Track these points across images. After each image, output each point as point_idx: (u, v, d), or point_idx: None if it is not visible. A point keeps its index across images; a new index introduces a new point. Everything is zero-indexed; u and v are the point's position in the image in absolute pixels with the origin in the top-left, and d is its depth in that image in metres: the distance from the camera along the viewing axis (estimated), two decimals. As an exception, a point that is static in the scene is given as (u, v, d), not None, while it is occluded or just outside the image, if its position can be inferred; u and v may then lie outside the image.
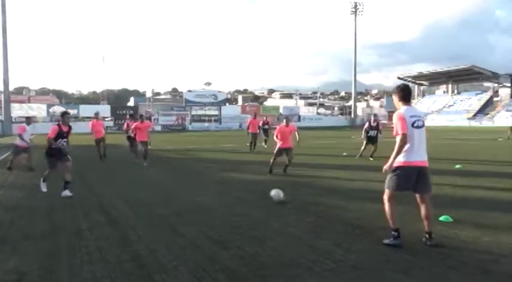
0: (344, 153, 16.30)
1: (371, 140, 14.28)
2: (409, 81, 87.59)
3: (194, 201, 7.30)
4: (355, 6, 72.30)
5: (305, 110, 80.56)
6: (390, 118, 73.35)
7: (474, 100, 72.50)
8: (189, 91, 67.41)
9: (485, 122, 59.94)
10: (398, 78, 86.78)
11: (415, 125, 4.41)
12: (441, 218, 5.55)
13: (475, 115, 65.67)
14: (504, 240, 4.65)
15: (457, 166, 11.36)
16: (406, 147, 4.37)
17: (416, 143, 4.39)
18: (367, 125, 14.72)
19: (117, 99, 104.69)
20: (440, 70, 76.88)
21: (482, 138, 26.64)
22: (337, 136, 31.93)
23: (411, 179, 4.43)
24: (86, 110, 62.26)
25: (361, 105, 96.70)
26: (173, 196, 7.81)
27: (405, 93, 4.60)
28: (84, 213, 6.43)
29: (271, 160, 10.65)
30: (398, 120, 4.42)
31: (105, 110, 62.35)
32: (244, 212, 6.35)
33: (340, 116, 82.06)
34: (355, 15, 72.72)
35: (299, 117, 68.75)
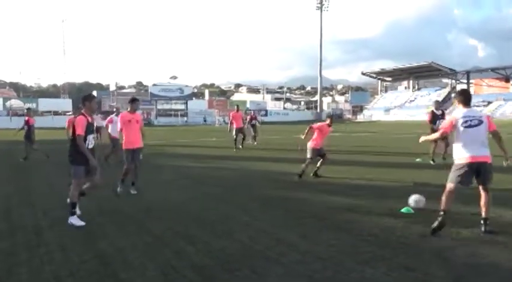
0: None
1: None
2: (372, 77, 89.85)
3: (161, 197, 7.21)
4: (321, 2, 73.17)
5: (272, 105, 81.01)
6: (354, 113, 74.56)
7: (434, 96, 75.18)
8: (155, 85, 66.17)
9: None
10: (362, 74, 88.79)
11: (466, 124, 4.76)
12: (403, 210, 5.75)
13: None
14: (461, 229, 4.87)
15: (418, 160, 11.78)
16: (460, 144, 4.79)
17: (469, 141, 4.73)
18: (430, 115, 11.68)
19: (78, 93, 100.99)
20: (402, 66, 79.29)
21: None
22: (304, 131, 32.30)
23: (468, 172, 4.73)
24: (46, 104, 60.01)
25: (326, 100, 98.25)
26: (139, 192, 7.65)
27: (465, 97, 5.02)
28: (44, 210, 6.20)
29: (306, 163, 9.07)
30: (447, 119, 5.17)
31: (66, 104, 60.32)
32: (212, 207, 6.33)
33: (306, 110, 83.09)
34: (321, 11, 73.64)
35: (266, 111, 69.07)
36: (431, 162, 10.78)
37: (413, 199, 5.94)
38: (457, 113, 4.93)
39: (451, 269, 3.71)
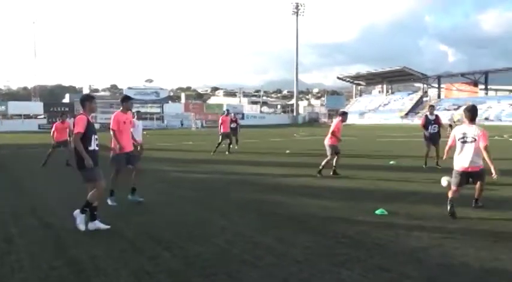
0: (287, 151, 16.62)
1: (432, 139, 10.78)
2: (347, 81, 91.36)
3: (133, 201, 7.07)
4: (297, 7, 74.04)
5: (248, 108, 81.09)
6: (330, 116, 75.26)
7: (406, 100, 77.12)
8: (130, 88, 65.15)
9: (416, 120, 63.90)
10: (338, 78, 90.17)
11: (462, 140, 5.69)
12: (377, 212, 5.84)
13: (407, 114, 69.86)
14: (434, 230, 4.99)
15: (391, 162, 12.01)
16: (457, 155, 5.74)
17: (463, 154, 5.66)
18: (423, 119, 11.34)
19: (50, 96, 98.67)
20: (376, 71, 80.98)
21: (416, 135, 28.40)
22: (281, 134, 32.50)
23: (463, 178, 5.70)
24: (16, 107, 58.17)
25: (302, 104, 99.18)
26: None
27: (471, 114, 5.79)
28: (14, 217, 5.99)
29: (327, 160, 9.41)
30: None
31: (37, 107, 58.64)
32: (188, 211, 6.27)
33: (283, 114, 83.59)
34: (297, 16, 74.49)
35: (243, 115, 69.12)
36: (424, 166, 10.57)
37: (445, 179, 6.59)
38: (457, 129, 5.85)
39: (424, 269, 3.79)
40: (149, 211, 6.32)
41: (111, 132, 6.89)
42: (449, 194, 5.71)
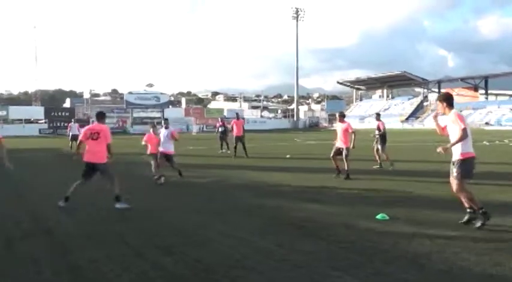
0: (287, 156, 16.62)
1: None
2: (347, 86, 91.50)
3: (138, 206, 7.08)
4: (297, 12, 74.19)
5: (249, 113, 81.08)
6: (331, 121, 75.20)
7: (407, 104, 77.17)
8: (130, 93, 65.26)
9: (416, 125, 63.96)
10: (338, 83, 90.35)
11: (466, 121, 5.30)
12: (378, 217, 5.84)
13: (407, 118, 69.88)
14: (436, 236, 4.98)
15: (391, 167, 11.99)
16: (468, 140, 5.21)
17: (469, 137, 5.25)
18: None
19: (51, 101, 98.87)
20: (376, 76, 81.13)
21: (416, 139, 28.41)
22: (281, 139, 32.51)
23: (472, 167, 5.28)
24: (17, 112, 58.23)
25: (303, 109, 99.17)
26: (112, 202, 7.51)
27: (451, 101, 5.46)
28: (16, 222, 5.99)
29: (347, 161, 9.94)
30: (457, 118, 5.21)
31: (38, 112, 58.66)
32: (189, 216, 6.27)
33: (283, 118, 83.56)
34: (297, 21, 74.61)
35: (243, 120, 69.05)
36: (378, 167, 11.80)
37: None
38: (458, 111, 5.44)
39: (426, 275, 3.79)
40: (150, 216, 6.33)
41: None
42: (470, 195, 5.27)
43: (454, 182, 5.29)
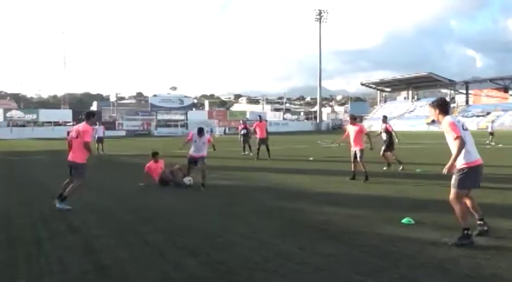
0: (310, 158, 16.52)
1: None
2: (371, 87, 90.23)
3: (160, 207, 7.19)
4: (320, 14, 73.82)
5: (271, 115, 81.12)
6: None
7: (433, 106, 75.43)
8: (155, 95, 66.40)
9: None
10: (362, 84, 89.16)
11: (464, 127, 4.80)
12: (403, 221, 5.72)
13: (433, 121, 68.15)
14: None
15: (418, 170, 11.76)
16: (469, 146, 4.71)
17: (469, 144, 4.73)
18: None
19: (79, 104, 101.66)
20: (401, 77, 79.67)
21: (442, 142, 27.72)
22: (304, 141, 32.36)
23: (477, 176, 4.77)
24: (46, 115, 60.12)
25: (326, 111, 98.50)
26: (137, 202, 7.65)
27: (445, 107, 4.99)
28: (43, 222, 6.18)
29: (363, 163, 9.84)
30: (449, 126, 4.72)
31: (66, 114, 60.42)
32: (211, 218, 6.31)
33: (306, 121, 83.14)
34: (320, 23, 74.23)
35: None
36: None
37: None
38: (449, 117, 4.88)
39: (453, 281, 3.68)
40: (173, 217, 6.40)
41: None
42: (462, 210, 4.73)
43: (451, 191, 4.80)
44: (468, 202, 4.94)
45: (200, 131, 9.47)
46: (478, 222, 4.97)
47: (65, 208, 6.92)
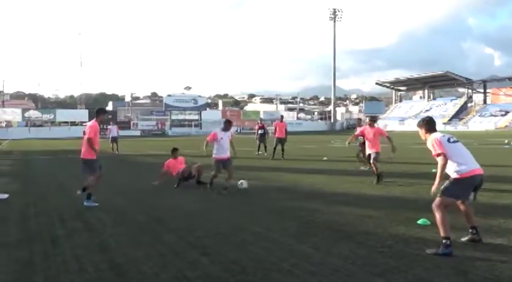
0: (324, 158, 16.44)
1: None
2: (387, 86, 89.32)
3: (175, 207, 7.24)
4: (334, 13, 73.38)
5: (285, 115, 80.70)
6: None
7: (449, 105, 74.34)
8: (169, 95, 66.93)
9: (460, 127, 61.51)
10: (377, 83, 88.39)
11: (451, 140, 4.63)
12: (419, 221, 5.65)
13: (450, 120, 67.28)
14: (481, 242, 4.75)
15: (434, 170, 11.57)
16: (462, 157, 4.54)
17: (460, 156, 4.56)
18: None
19: (95, 104, 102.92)
20: (417, 76, 78.68)
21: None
22: (318, 141, 32.22)
23: (470, 188, 4.67)
24: (63, 115, 61.17)
25: (340, 110, 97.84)
26: (151, 202, 7.72)
27: (431, 125, 4.83)
28: (60, 220, 6.28)
29: (375, 165, 9.45)
30: (432, 143, 4.61)
31: (82, 114, 61.34)
32: (225, 217, 6.33)
33: (320, 120, 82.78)
34: (334, 22, 73.79)
35: (279, 122, 68.91)
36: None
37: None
38: (433, 135, 4.72)
39: (469, 283, 3.62)
40: (188, 217, 6.44)
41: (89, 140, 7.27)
42: (442, 218, 4.45)
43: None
44: (462, 207, 4.70)
45: (227, 124, 8.61)
46: (470, 230, 4.75)
47: (93, 205, 7.14)
